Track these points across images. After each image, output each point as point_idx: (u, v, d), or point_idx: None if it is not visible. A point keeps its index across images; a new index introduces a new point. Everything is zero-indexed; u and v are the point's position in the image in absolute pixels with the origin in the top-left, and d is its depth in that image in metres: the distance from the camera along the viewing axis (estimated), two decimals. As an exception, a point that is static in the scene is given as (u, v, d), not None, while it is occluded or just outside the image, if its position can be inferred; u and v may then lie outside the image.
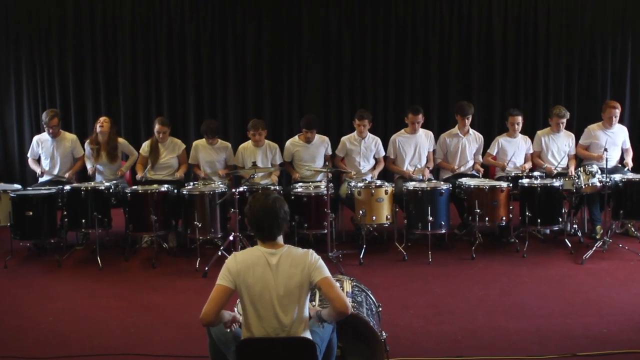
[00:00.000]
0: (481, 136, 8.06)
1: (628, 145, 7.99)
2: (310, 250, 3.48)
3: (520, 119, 7.89)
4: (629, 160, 7.86)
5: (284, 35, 10.05)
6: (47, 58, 10.02)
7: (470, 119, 7.91)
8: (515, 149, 7.90)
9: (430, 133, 8.06)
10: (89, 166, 7.88)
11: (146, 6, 9.95)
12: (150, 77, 10.07)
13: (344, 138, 8.01)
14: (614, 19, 9.95)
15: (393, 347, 4.22)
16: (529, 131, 8.39)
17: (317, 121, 8.01)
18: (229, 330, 3.54)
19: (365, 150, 7.88)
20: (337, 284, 3.41)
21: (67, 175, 7.76)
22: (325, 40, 10.06)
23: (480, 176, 7.88)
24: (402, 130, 8.00)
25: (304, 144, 7.86)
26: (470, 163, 7.98)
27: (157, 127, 7.78)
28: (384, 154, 7.99)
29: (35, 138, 8.02)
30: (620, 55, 10.00)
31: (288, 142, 7.96)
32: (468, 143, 7.95)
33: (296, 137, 7.99)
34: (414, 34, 10.07)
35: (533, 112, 10.01)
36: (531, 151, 7.98)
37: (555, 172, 7.60)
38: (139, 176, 7.72)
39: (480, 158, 8.03)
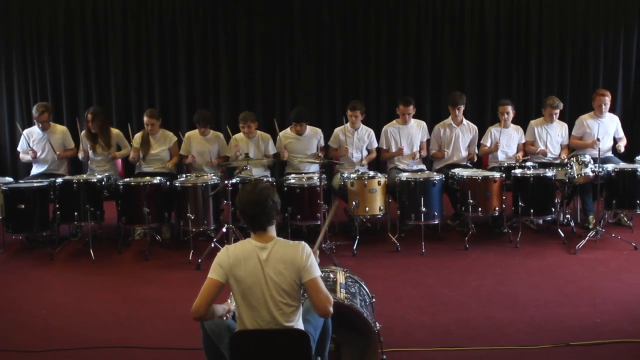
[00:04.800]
0: (475, 127, 8.06)
1: (621, 134, 8.00)
2: (302, 244, 3.46)
3: (510, 108, 7.88)
4: (621, 144, 7.86)
5: (276, 26, 10.01)
6: (37, 50, 9.95)
7: (461, 109, 7.92)
8: (507, 139, 7.91)
9: (423, 123, 8.06)
10: (80, 156, 7.85)
11: (137, -3, 9.93)
12: (142, 68, 10.02)
13: (337, 129, 8.01)
14: (607, 9, 9.95)
15: (387, 337, 4.22)
16: (522, 121, 8.39)
17: (307, 113, 7.98)
18: (225, 318, 3.54)
19: (357, 141, 7.88)
20: (324, 286, 3.39)
21: (58, 153, 7.71)
22: (317, 31, 10.03)
23: (473, 166, 7.89)
24: (394, 121, 8.00)
25: (295, 136, 7.85)
26: (464, 154, 7.98)
27: (145, 119, 7.78)
28: (376, 145, 7.99)
29: (25, 132, 7.92)
30: (612, 46, 10.00)
31: (280, 134, 7.94)
32: (462, 133, 7.95)
33: (288, 129, 7.98)
34: (406, 24, 10.04)
35: (526, 102, 10.02)
36: (523, 141, 7.99)
37: (549, 153, 7.75)
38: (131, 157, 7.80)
39: (475, 149, 8.03)
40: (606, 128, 7.86)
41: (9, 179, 7.56)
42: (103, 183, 7.19)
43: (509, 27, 10.04)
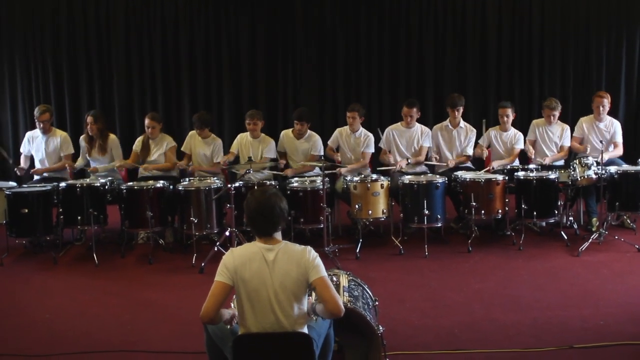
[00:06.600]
0: (474, 129, 8.02)
1: (619, 140, 7.87)
2: (308, 247, 3.48)
3: (509, 111, 7.83)
4: (615, 153, 7.76)
5: (278, 29, 10.03)
6: (41, 54, 9.98)
7: (460, 110, 7.89)
8: (505, 143, 7.88)
9: (428, 130, 7.99)
10: (82, 161, 7.88)
11: (140, 1, 9.92)
12: (145, 72, 10.05)
13: (338, 129, 8.01)
14: (609, 10, 9.94)
15: (390, 341, 4.22)
16: (525, 123, 8.38)
17: (309, 114, 7.98)
18: (228, 326, 3.54)
19: (354, 144, 7.87)
20: (332, 285, 3.41)
21: (37, 169, 7.72)
22: (320, 34, 10.05)
23: (476, 169, 7.88)
24: (399, 123, 7.99)
25: (294, 139, 7.85)
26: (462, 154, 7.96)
27: (146, 121, 7.77)
28: (372, 150, 7.94)
29: (27, 134, 8.00)
30: (614, 47, 9.99)
31: (282, 133, 7.98)
32: (458, 135, 7.93)
33: (290, 130, 7.98)
34: (408, 27, 10.05)
35: (529, 104, 10.01)
36: (521, 147, 7.92)
37: (545, 162, 7.65)
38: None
39: (468, 151, 7.96)
40: (603, 133, 7.82)
41: (13, 184, 7.58)
42: (106, 187, 7.20)
43: (511, 29, 10.03)
